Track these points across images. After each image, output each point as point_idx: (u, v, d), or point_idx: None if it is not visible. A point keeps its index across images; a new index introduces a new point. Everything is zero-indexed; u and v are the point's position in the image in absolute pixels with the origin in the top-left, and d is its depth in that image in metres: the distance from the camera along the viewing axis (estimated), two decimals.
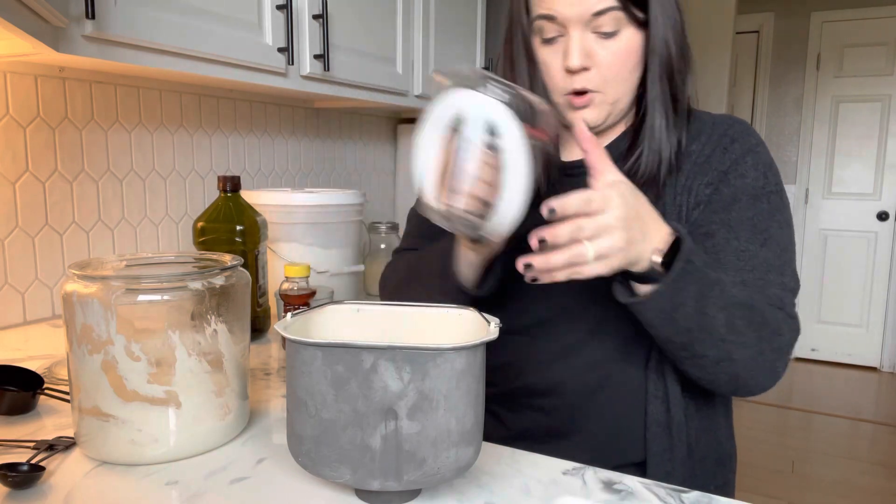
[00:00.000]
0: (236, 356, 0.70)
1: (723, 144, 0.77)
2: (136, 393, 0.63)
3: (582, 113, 0.76)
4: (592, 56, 0.73)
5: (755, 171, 0.75)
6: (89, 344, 0.62)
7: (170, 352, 0.63)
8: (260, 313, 1.12)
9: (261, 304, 1.12)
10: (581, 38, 0.72)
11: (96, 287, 0.62)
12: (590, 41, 0.73)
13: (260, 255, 1.12)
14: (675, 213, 0.76)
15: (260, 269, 1.12)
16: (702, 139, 0.78)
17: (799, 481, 2.60)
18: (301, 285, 1.14)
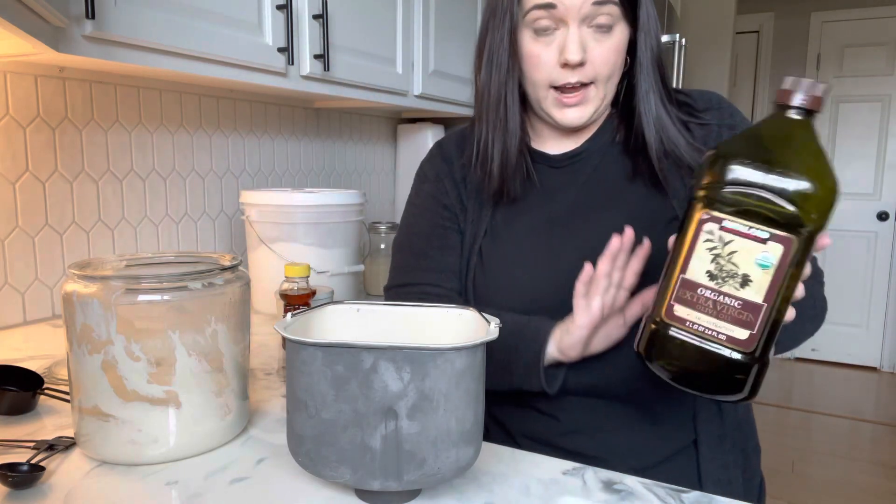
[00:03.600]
0: (236, 356, 0.70)
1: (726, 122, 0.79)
2: (136, 393, 0.63)
3: (568, 112, 0.77)
4: (588, 51, 0.74)
5: None
6: (89, 344, 0.62)
7: (170, 352, 0.63)
8: None
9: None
10: (580, 33, 0.73)
11: (96, 287, 0.62)
12: (586, 35, 0.73)
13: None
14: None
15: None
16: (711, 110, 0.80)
17: (799, 481, 2.60)
18: (301, 285, 1.14)
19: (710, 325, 0.52)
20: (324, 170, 1.89)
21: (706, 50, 3.40)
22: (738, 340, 0.52)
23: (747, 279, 0.51)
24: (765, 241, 0.50)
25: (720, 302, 0.52)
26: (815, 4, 3.99)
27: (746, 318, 0.51)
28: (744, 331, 0.51)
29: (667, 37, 2.34)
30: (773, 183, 0.49)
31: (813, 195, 0.49)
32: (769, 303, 0.51)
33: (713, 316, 0.52)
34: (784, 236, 0.50)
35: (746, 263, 0.51)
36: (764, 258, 0.50)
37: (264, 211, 1.32)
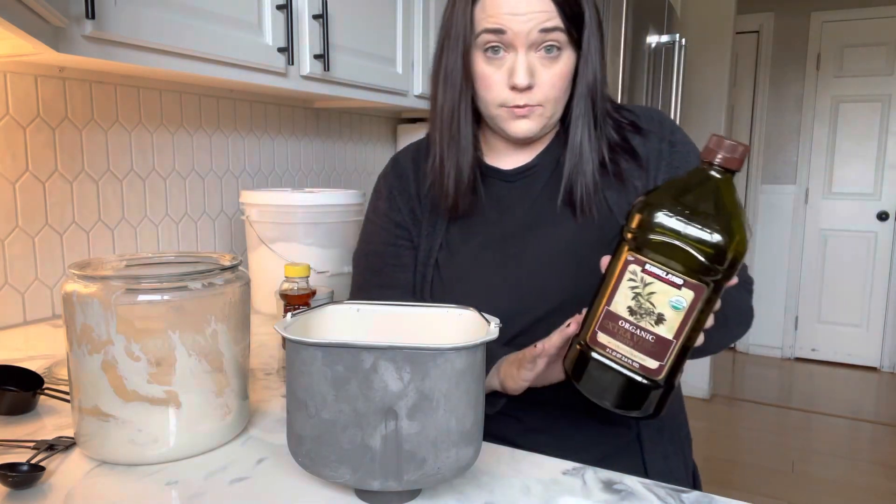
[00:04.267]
0: (236, 356, 0.70)
1: (666, 138, 0.83)
2: (136, 393, 0.63)
3: (520, 123, 0.80)
4: (536, 75, 0.77)
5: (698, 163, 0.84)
6: (89, 344, 0.62)
7: (170, 352, 0.63)
8: None
9: None
10: (528, 57, 0.76)
11: (96, 287, 0.62)
12: (534, 60, 0.77)
13: None
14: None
15: None
16: (653, 128, 0.84)
17: (799, 481, 2.60)
18: (301, 285, 1.14)
19: (627, 353, 0.60)
20: (324, 170, 1.89)
21: (706, 50, 3.40)
22: (649, 369, 0.59)
23: (662, 318, 0.58)
24: (679, 286, 0.56)
25: (637, 335, 0.59)
26: (815, 4, 3.99)
27: (658, 350, 0.58)
28: (654, 361, 0.59)
29: (667, 37, 2.34)
30: (692, 234, 0.55)
31: (725, 249, 0.55)
32: (678, 339, 0.58)
33: (630, 346, 0.59)
34: (696, 284, 0.56)
35: (662, 304, 0.57)
36: (677, 301, 0.57)
37: (264, 211, 1.32)
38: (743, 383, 3.78)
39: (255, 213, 1.33)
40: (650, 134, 0.83)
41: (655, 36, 2.28)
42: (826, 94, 4.02)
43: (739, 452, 2.85)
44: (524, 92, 0.77)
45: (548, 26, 0.75)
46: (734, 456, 2.81)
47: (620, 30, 1.90)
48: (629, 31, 1.93)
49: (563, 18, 0.75)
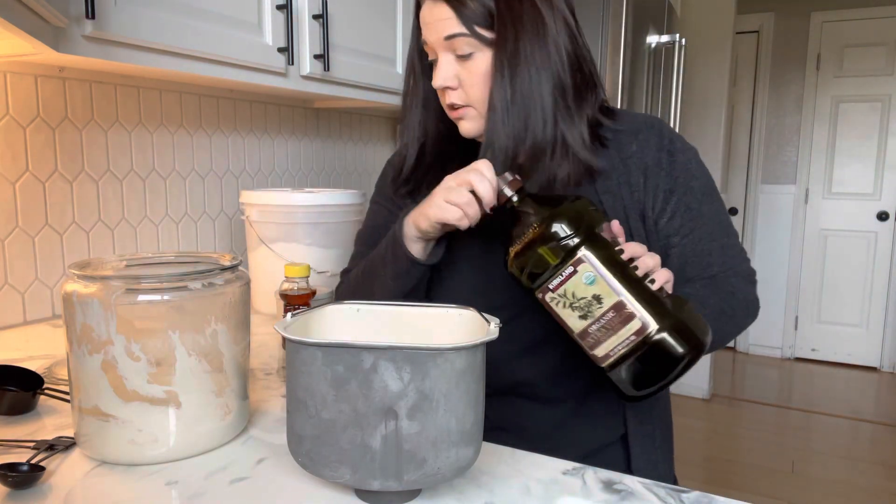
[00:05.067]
0: (236, 356, 0.70)
1: (665, 148, 0.82)
2: (136, 393, 0.63)
3: (461, 125, 0.82)
4: (458, 75, 0.79)
5: (700, 170, 0.83)
6: (89, 344, 0.62)
7: (170, 352, 0.63)
8: None
9: None
10: (447, 61, 0.79)
11: (96, 287, 0.62)
12: (455, 63, 0.79)
13: None
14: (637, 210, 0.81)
15: None
16: (640, 138, 0.82)
17: (799, 481, 2.60)
18: (301, 285, 1.14)
19: (618, 339, 0.63)
20: (324, 170, 1.89)
21: (706, 50, 3.40)
22: (639, 328, 0.63)
23: (596, 297, 0.63)
24: (574, 271, 0.64)
25: (604, 324, 0.64)
26: (815, 4, 3.99)
27: (626, 314, 0.63)
28: (634, 321, 0.62)
29: (667, 37, 2.34)
30: (538, 242, 0.65)
31: (559, 224, 0.64)
32: (621, 293, 0.63)
33: (613, 334, 0.63)
34: (578, 257, 0.63)
35: (584, 290, 0.64)
36: (587, 277, 0.63)
37: (264, 211, 1.32)
38: (743, 383, 3.78)
39: (255, 213, 1.34)
40: (648, 143, 0.82)
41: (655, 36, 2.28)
42: (826, 94, 4.02)
43: (739, 452, 2.85)
44: (448, 93, 0.80)
45: (448, 34, 0.76)
46: (734, 456, 2.81)
47: (620, 30, 1.90)
48: (629, 31, 1.93)
49: (463, 23, 0.75)
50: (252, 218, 1.34)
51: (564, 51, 0.77)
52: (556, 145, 0.78)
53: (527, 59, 0.75)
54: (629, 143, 0.82)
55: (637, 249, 0.66)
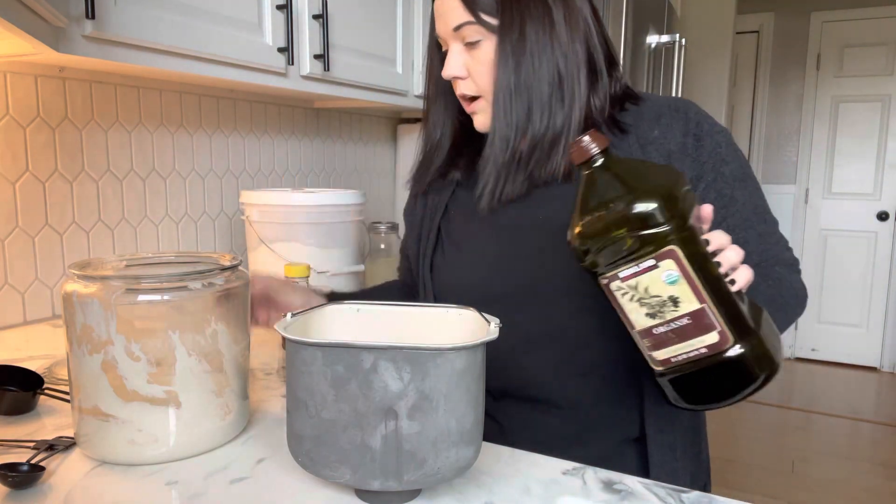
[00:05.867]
0: (236, 356, 0.70)
1: (691, 132, 0.78)
2: (136, 393, 0.63)
3: (475, 119, 0.82)
4: (467, 65, 0.78)
5: (731, 153, 0.78)
6: (89, 344, 0.62)
7: (170, 352, 0.63)
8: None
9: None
10: (457, 51, 0.78)
11: (96, 287, 0.62)
12: (465, 52, 0.78)
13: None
14: None
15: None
16: (662, 123, 0.79)
17: (799, 481, 2.60)
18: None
19: (687, 348, 0.56)
20: (324, 170, 1.89)
21: (706, 50, 3.40)
22: (715, 344, 0.55)
23: (674, 298, 0.55)
24: (655, 264, 0.54)
25: (675, 328, 0.56)
26: (815, 4, 3.99)
27: (703, 323, 0.55)
28: (712, 334, 0.55)
29: (667, 37, 2.34)
30: (622, 222, 0.54)
31: (649, 206, 0.53)
32: (705, 301, 0.55)
33: (682, 341, 0.56)
34: (664, 251, 0.54)
35: (662, 289, 0.55)
36: (668, 276, 0.54)
37: (264, 211, 1.32)
38: None
39: (255, 213, 1.33)
40: (671, 128, 0.78)
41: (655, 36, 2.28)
42: (826, 94, 4.02)
43: (739, 452, 2.85)
44: (458, 83, 0.80)
45: (457, 23, 0.76)
46: (734, 456, 2.81)
47: (620, 30, 1.90)
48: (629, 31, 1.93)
49: (470, 11, 0.75)
50: (252, 218, 1.34)
51: (574, 37, 0.75)
52: (563, 135, 0.76)
53: (532, 46, 0.74)
54: (651, 128, 0.79)
55: (721, 240, 0.57)
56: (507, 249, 0.82)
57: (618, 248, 0.55)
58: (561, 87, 0.75)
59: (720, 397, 0.58)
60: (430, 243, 0.89)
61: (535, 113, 0.75)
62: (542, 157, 0.77)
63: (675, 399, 0.60)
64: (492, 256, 0.83)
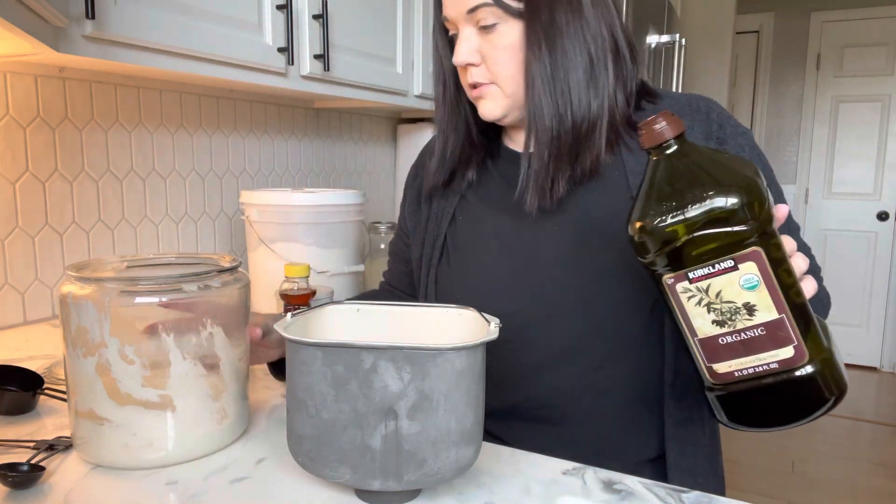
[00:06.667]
0: (234, 359, 0.69)
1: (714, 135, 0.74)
2: (130, 396, 0.62)
3: (481, 105, 0.77)
4: (481, 51, 0.74)
5: (756, 157, 0.75)
6: (84, 346, 0.62)
7: (164, 355, 0.63)
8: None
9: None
10: (468, 35, 0.74)
11: (91, 289, 0.62)
12: (477, 37, 0.74)
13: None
14: None
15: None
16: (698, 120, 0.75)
17: (799, 481, 2.60)
18: (301, 285, 1.14)
19: (755, 362, 0.51)
20: (324, 170, 1.89)
21: (706, 50, 3.40)
22: (789, 359, 0.50)
23: (750, 306, 0.50)
24: (735, 266, 0.49)
25: (745, 339, 0.51)
26: (815, 4, 3.99)
27: (779, 336, 0.50)
28: (787, 348, 0.50)
29: (667, 37, 2.34)
30: (697, 215, 0.49)
31: (735, 201, 0.48)
32: (784, 311, 0.49)
33: (751, 353, 0.51)
34: (746, 253, 0.49)
35: (737, 294, 0.50)
36: (747, 280, 0.49)
37: (264, 211, 1.32)
38: None
39: (255, 213, 1.33)
40: (692, 130, 0.74)
41: (655, 36, 2.28)
42: (826, 94, 4.02)
43: (739, 452, 2.85)
44: (471, 69, 0.75)
45: (472, 5, 0.72)
46: (734, 456, 2.81)
47: None
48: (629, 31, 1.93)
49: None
50: (252, 218, 1.34)
51: (601, 22, 0.72)
52: (600, 123, 0.72)
53: (564, 30, 0.70)
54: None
55: (792, 245, 0.52)
56: (518, 263, 0.78)
57: (690, 245, 0.49)
58: (594, 72, 0.72)
59: (780, 420, 0.52)
60: (436, 252, 0.85)
61: (574, 101, 0.71)
62: (583, 148, 0.73)
63: (724, 418, 0.55)
64: (502, 270, 0.79)
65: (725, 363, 0.52)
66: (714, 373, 0.53)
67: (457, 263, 0.83)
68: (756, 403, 0.52)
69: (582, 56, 0.71)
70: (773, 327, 0.49)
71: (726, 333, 0.51)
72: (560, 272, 0.76)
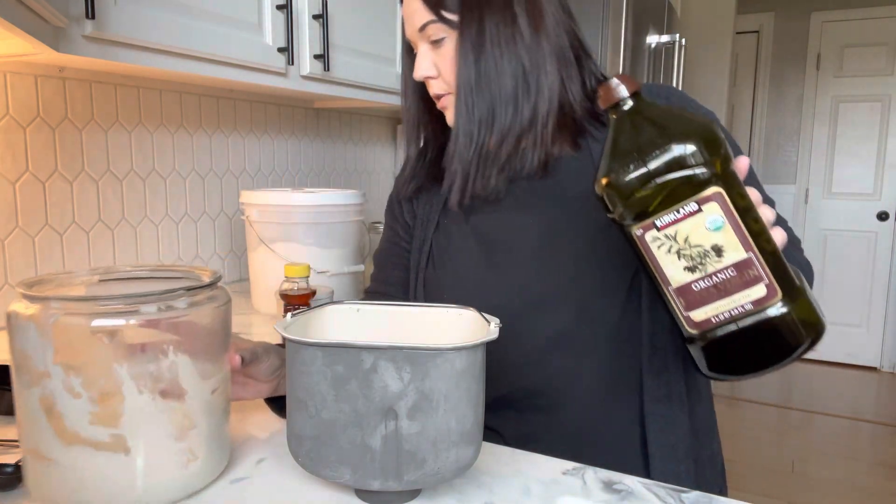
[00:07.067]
0: (203, 392, 0.58)
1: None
2: (77, 435, 0.53)
3: (446, 115, 0.81)
4: (436, 64, 0.78)
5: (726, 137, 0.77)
6: (28, 374, 0.53)
7: (115, 387, 0.53)
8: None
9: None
10: (424, 51, 0.78)
11: (36, 309, 0.53)
12: (431, 52, 0.78)
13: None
14: None
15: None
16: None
17: (799, 481, 2.60)
18: (301, 285, 1.14)
19: (730, 305, 0.52)
20: (324, 170, 1.89)
21: (706, 50, 3.40)
22: (762, 298, 0.51)
23: (718, 247, 0.51)
24: (699, 209, 0.51)
25: (718, 282, 0.52)
26: (815, 4, 3.99)
27: (749, 275, 0.51)
28: (758, 286, 0.51)
29: (667, 37, 2.34)
30: (658, 165, 0.51)
31: (692, 145, 0.50)
32: (752, 250, 0.51)
33: (725, 296, 0.52)
34: (708, 195, 0.50)
35: (704, 237, 0.51)
36: (712, 222, 0.51)
37: (264, 211, 1.32)
38: (743, 383, 3.78)
39: (255, 213, 1.33)
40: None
41: (655, 36, 2.28)
42: (826, 94, 4.02)
43: (739, 452, 2.85)
44: (429, 83, 0.80)
45: (420, 25, 0.76)
46: (734, 456, 2.81)
47: (620, 30, 1.90)
48: (629, 31, 1.93)
49: (431, 10, 0.75)
50: (252, 218, 1.34)
51: (539, 30, 0.75)
52: (532, 128, 0.76)
53: (492, 41, 0.73)
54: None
55: (757, 195, 0.54)
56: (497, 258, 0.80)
57: (657, 193, 0.51)
58: (526, 80, 0.74)
59: (760, 364, 0.53)
60: (423, 256, 0.87)
61: (499, 107, 0.75)
62: (512, 151, 0.77)
63: (706, 368, 0.56)
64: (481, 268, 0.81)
65: (702, 310, 0.53)
66: (692, 321, 0.54)
67: (441, 266, 0.85)
68: (735, 349, 0.53)
69: (512, 65, 0.74)
70: (743, 266, 0.51)
71: (699, 279, 0.52)
72: (539, 263, 0.78)
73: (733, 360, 0.54)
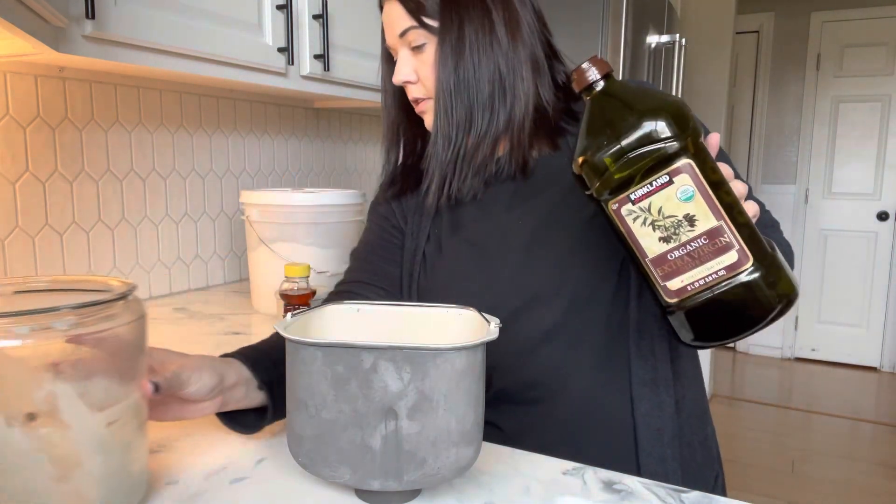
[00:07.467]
0: (93, 426, 0.49)
1: None
2: None
3: (424, 119, 0.83)
4: (416, 70, 0.80)
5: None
6: None
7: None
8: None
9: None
10: (404, 57, 0.80)
11: None
12: (412, 57, 0.80)
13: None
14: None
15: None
16: None
17: (799, 481, 2.60)
18: (301, 285, 1.14)
19: (704, 272, 0.55)
20: (324, 170, 1.89)
21: (706, 50, 3.40)
22: (734, 263, 0.54)
23: (690, 217, 0.54)
24: (670, 182, 0.54)
25: (691, 250, 0.54)
26: (815, 4, 3.99)
27: (721, 242, 0.54)
28: (730, 253, 0.54)
29: (667, 37, 2.34)
30: (630, 141, 0.54)
31: (661, 120, 0.53)
32: (723, 218, 0.53)
33: (699, 264, 0.55)
34: (678, 166, 0.53)
35: (676, 207, 0.54)
36: (683, 192, 0.53)
37: (264, 211, 1.32)
38: (743, 383, 3.78)
39: (255, 213, 1.33)
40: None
41: (655, 36, 2.28)
42: (826, 94, 4.02)
43: (739, 452, 2.85)
44: (408, 87, 0.81)
45: (401, 30, 0.78)
46: (734, 456, 2.81)
47: (620, 30, 1.90)
48: (629, 31, 1.93)
49: (412, 16, 0.77)
50: (252, 218, 1.34)
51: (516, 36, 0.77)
52: (508, 131, 0.78)
53: (471, 46, 0.75)
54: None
55: (728, 170, 0.57)
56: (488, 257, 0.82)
57: (629, 167, 0.54)
58: (503, 85, 0.77)
59: (738, 329, 0.56)
60: (416, 266, 0.88)
61: (477, 112, 0.77)
62: (488, 153, 0.79)
63: (687, 337, 0.58)
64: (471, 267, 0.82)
65: (678, 278, 0.56)
66: (669, 291, 0.56)
67: (433, 274, 0.86)
68: (713, 315, 0.56)
69: (489, 70, 0.76)
70: (714, 234, 0.53)
71: (674, 248, 0.55)
72: (530, 261, 0.79)
73: (711, 326, 0.56)
